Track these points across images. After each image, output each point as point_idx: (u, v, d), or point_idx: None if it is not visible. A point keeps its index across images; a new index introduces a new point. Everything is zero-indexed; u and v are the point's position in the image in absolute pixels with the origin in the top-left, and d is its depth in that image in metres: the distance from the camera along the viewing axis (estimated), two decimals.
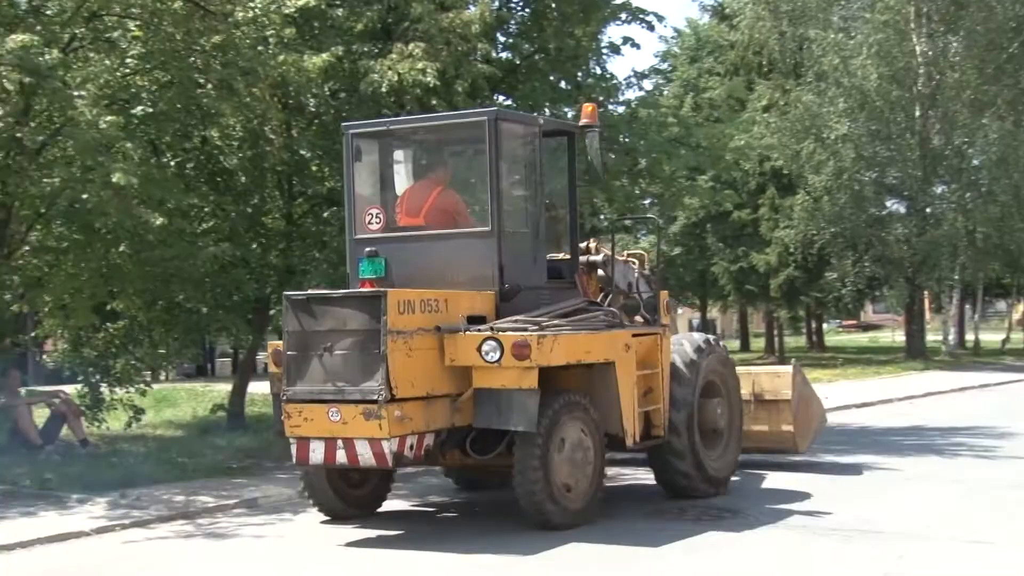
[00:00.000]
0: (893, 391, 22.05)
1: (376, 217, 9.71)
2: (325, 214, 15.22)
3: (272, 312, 16.19)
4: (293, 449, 8.75)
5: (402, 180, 10.40)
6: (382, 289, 8.58)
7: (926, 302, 38.50)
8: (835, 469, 12.03)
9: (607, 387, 9.34)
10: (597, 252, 10.79)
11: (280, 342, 9.16)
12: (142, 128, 12.81)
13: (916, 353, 32.47)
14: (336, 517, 9.57)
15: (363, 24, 14.99)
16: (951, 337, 37.68)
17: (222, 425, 15.51)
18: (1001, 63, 30.78)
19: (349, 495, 9.65)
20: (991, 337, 46.27)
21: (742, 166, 29.43)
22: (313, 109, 14.67)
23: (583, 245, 10.66)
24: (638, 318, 10.29)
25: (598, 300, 10.14)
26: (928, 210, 32.50)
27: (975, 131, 30.76)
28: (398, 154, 10.54)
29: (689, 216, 35.49)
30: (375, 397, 8.19)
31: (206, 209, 14.65)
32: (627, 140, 17.20)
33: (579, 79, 17.63)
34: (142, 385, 14.42)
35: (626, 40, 17.61)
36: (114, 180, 10.85)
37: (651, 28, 17.66)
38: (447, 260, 9.45)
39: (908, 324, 35.05)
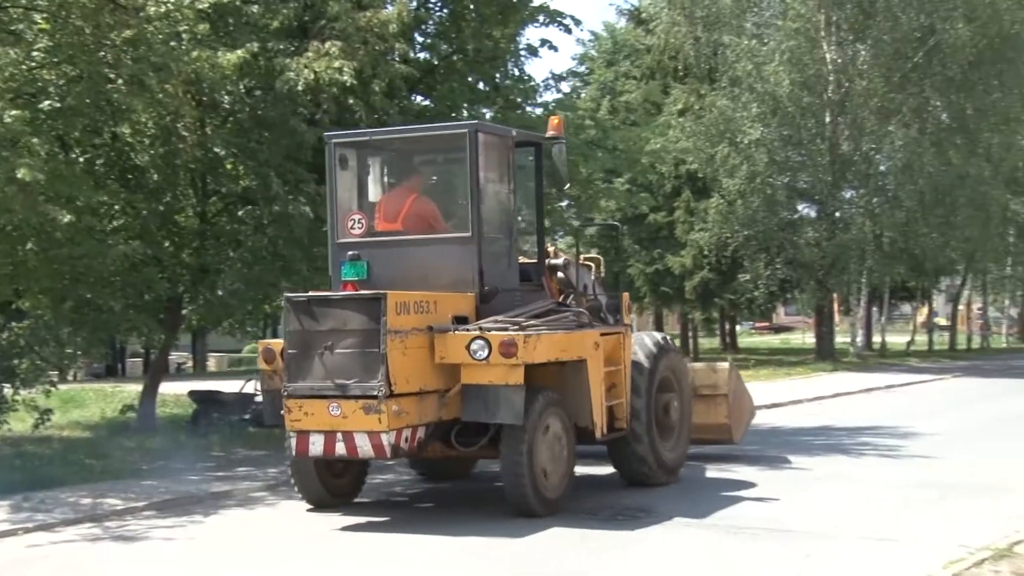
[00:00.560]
0: (803, 392, 22.46)
1: (358, 222, 10.31)
2: (240, 212, 15.03)
3: (185, 311, 15.98)
4: (292, 442, 9.25)
5: (380, 188, 11.04)
6: (382, 292, 9.14)
7: (835, 305, 39.27)
8: (746, 470, 12.22)
9: (579, 383, 9.99)
10: (556, 256, 11.43)
11: (270, 341, 10.04)
12: (49, 123, 12.46)
13: (825, 355, 33.12)
14: (321, 505, 10.06)
15: (279, 21, 14.82)
16: (859, 339, 38.46)
17: (132, 426, 15.22)
18: (906, 72, 31.54)
19: (333, 485, 10.18)
20: (897, 339, 47.45)
21: (658, 169, 29.74)
22: (228, 106, 14.45)
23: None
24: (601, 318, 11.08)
25: (559, 301, 10.74)
26: (837, 214, 33.19)
27: (882, 138, 31.42)
28: (377, 163, 11.11)
29: (606, 218, 35.74)
30: (375, 393, 8.80)
31: (116, 206, 14.34)
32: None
33: (497, 81, 17.65)
34: (47, 386, 14.05)
35: (544, 42, 17.68)
36: (19, 176, 10.56)
37: (568, 31, 17.77)
38: (428, 264, 10.10)
39: (818, 326, 35.74)
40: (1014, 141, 35.59)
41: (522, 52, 17.83)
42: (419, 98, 17.64)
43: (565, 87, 21.57)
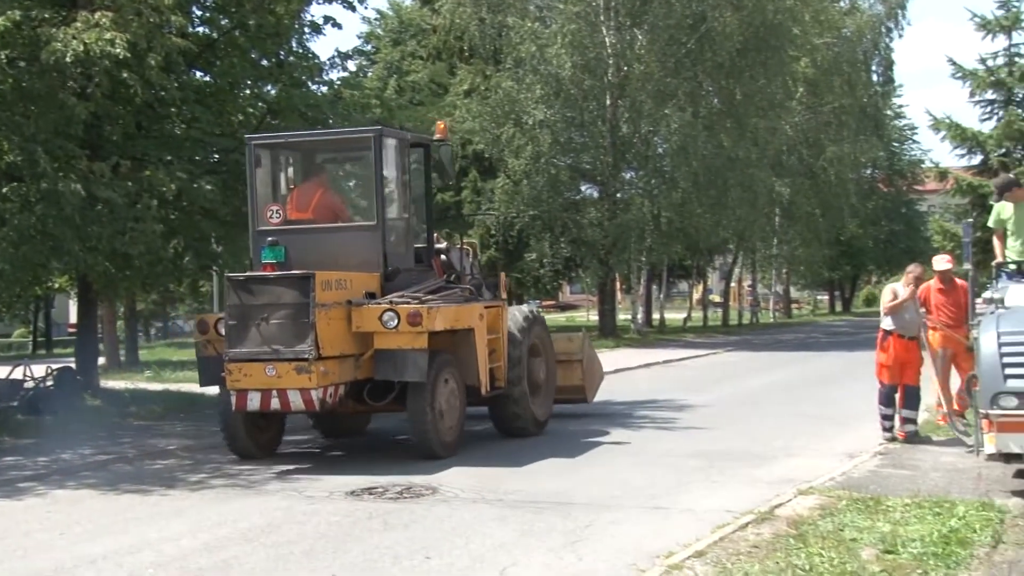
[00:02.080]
0: None
1: (276, 213, 11.97)
2: (5, 190, 14.19)
3: None
4: (232, 399, 10.89)
5: (292, 182, 12.79)
6: (311, 272, 10.77)
7: (617, 283, 40.48)
8: (529, 444, 12.52)
9: (468, 348, 11.95)
10: (439, 241, 13.50)
11: (206, 315, 11.97)
12: None
13: (608, 331, 34.10)
14: (248, 457, 11.66)
15: None
16: (639, 316, 39.80)
17: None
18: (680, 57, 32.70)
19: (258, 439, 11.87)
20: (675, 316, 49.44)
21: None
22: None
23: None
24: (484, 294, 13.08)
25: (447, 280, 12.64)
26: (618, 195, 34.17)
27: (659, 121, 32.37)
28: (290, 160, 12.99)
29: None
30: (307, 356, 10.53)
31: None
32: (331, 121, 17.08)
33: (281, 57, 17.33)
34: None
35: (328, 20, 17.49)
36: None
37: (352, 8, 17.66)
38: (338, 248, 11.82)
39: (601, 304, 36.76)
40: (778, 126, 37.52)
41: (306, 29, 17.60)
42: (199, 73, 17.13)
43: (351, 66, 21.39)
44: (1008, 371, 8.38)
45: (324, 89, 17.89)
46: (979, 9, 77.57)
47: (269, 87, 17.53)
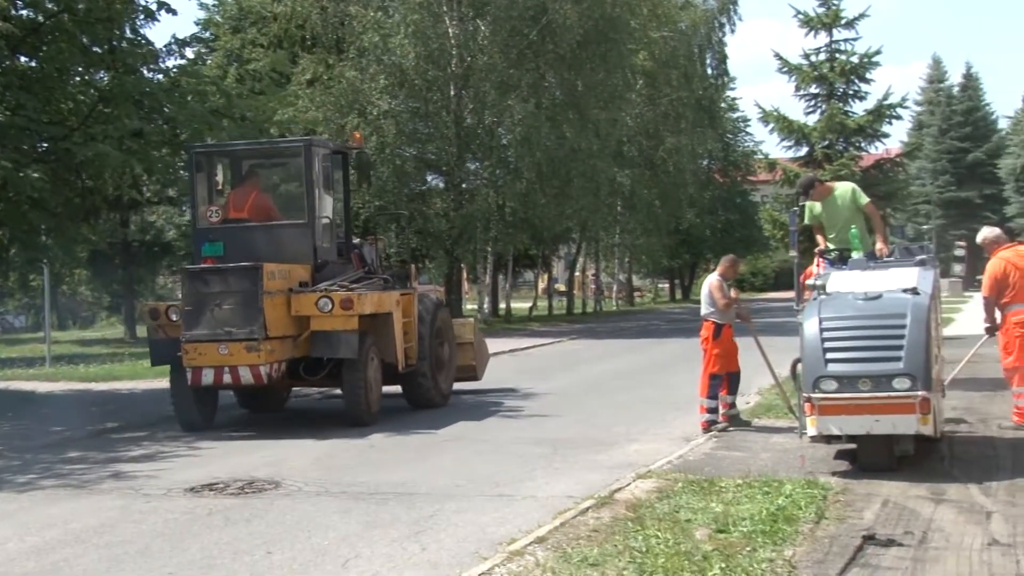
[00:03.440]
0: None
1: (215, 213, 13.62)
2: None
3: None
4: (188, 375, 12.44)
5: (229, 185, 14.45)
6: (260, 263, 12.43)
7: (464, 273, 40.68)
8: (376, 436, 12.49)
9: (387, 330, 13.70)
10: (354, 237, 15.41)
11: (157, 303, 13.80)
12: None
13: None
14: (194, 429, 13.08)
15: None
16: (486, 306, 40.07)
17: None
18: (523, 48, 33.03)
19: (203, 412, 13.30)
20: (521, 305, 49.97)
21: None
22: None
23: None
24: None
25: (366, 270, 14.47)
26: (464, 185, 34.33)
27: (502, 111, 32.67)
28: (227, 166, 14.57)
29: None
30: (256, 336, 12.24)
31: None
32: (168, 110, 16.65)
33: (113, 43, 16.77)
34: None
35: (161, 5, 16.99)
36: None
37: None
38: (273, 243, 13.44)
39: (447, 294, 36.70)
40: (619, 117, 38.29)
41: (139, 14, 17.07)
42: (24, 59, 16.43)
43: (189, 53, 20.86)
44: (829, 355, 8.77)
45: (160, 77, 17.40)
46: (803, 6, 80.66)
47: (101, 74, 16.94)
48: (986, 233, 11.82)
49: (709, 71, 53.02)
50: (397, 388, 14.79)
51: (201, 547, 7.52)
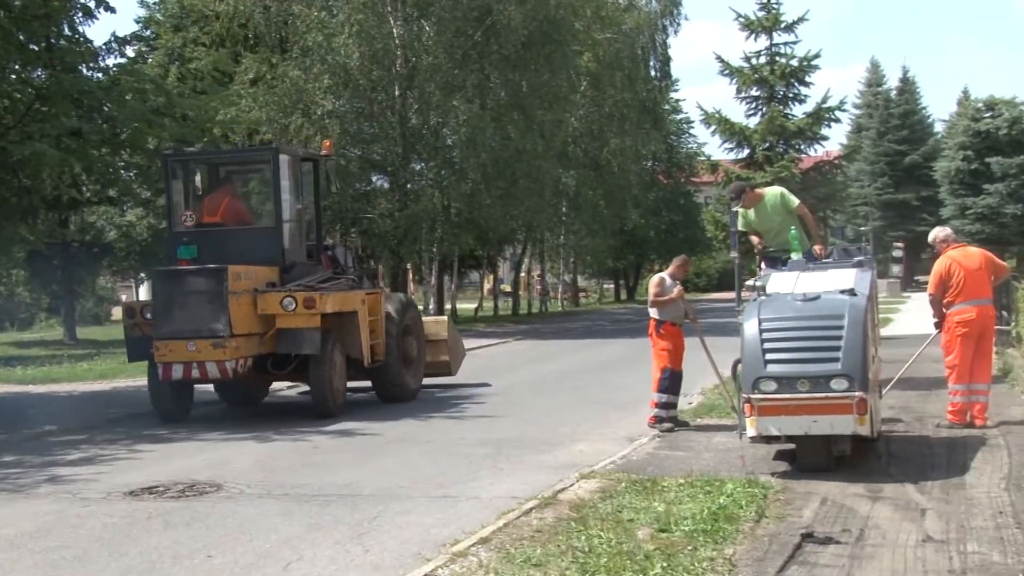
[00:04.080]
0: None
1: (189, 217, 14.28)
2: None
3: None
4: (160, 371, 13.15)
5: (203, 191, 15.00)
6: (226, 265, 13.06)
7: (409, 273, 40.55)
8: (319, 438, 12.44)
9: (352, 327, 14.33)
10: (325, 240, 16.15)
11: (132, 302, 14.86)
12: None
13: None
14: (171, 420, 13.81)
15: None
16: (431, 306, 39.99)
17: None
18: (467, 49, 33.01)
19: (179, 404, 14.09)
20: (467, 306, 49.95)
21: (231, 139, 29.15)
22: None
23: None
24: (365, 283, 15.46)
25: (334, 271, 15.10)
26: (409, 186, 34.24)
27: (448, 112, 32.60)
28: (201, 173, 15.21)
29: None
30: (223, 334, 12.91)
31: None
32: (107, 109, 16.44)
33: (51, 41, 16.52)
34: None
35: (100, 3, 16.76)
36: None
37: None
38: (243, 246, 14.07)
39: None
40: (563, 118, 38.42)
41: (77, 12, 16.84)
42: None
43: (130, 51, 20.61)
44: (768, 356, 8.86)
45: (99, 75, 17.17)
46: (743, 9, 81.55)
47: (38, 72, 16.69)
48: (937, 232, 12.01)
49: (653, 73, 53.37)
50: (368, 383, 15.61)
51: (140, 552, 7.44)
